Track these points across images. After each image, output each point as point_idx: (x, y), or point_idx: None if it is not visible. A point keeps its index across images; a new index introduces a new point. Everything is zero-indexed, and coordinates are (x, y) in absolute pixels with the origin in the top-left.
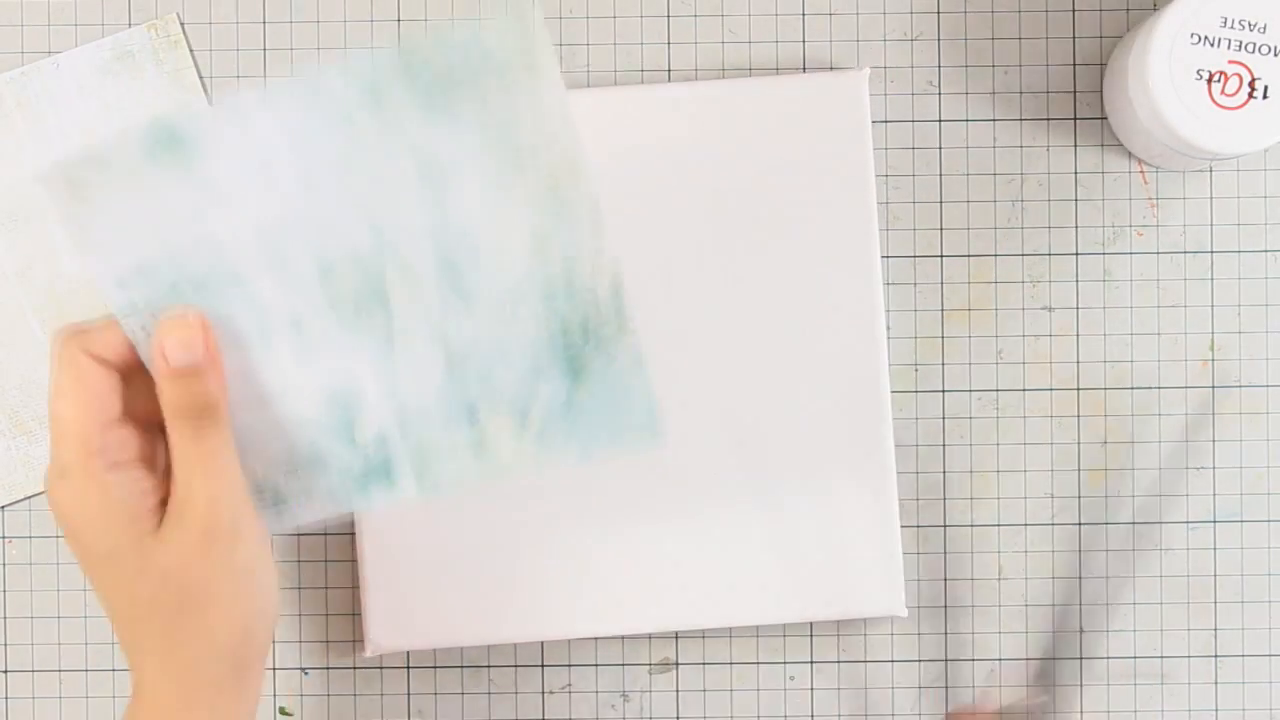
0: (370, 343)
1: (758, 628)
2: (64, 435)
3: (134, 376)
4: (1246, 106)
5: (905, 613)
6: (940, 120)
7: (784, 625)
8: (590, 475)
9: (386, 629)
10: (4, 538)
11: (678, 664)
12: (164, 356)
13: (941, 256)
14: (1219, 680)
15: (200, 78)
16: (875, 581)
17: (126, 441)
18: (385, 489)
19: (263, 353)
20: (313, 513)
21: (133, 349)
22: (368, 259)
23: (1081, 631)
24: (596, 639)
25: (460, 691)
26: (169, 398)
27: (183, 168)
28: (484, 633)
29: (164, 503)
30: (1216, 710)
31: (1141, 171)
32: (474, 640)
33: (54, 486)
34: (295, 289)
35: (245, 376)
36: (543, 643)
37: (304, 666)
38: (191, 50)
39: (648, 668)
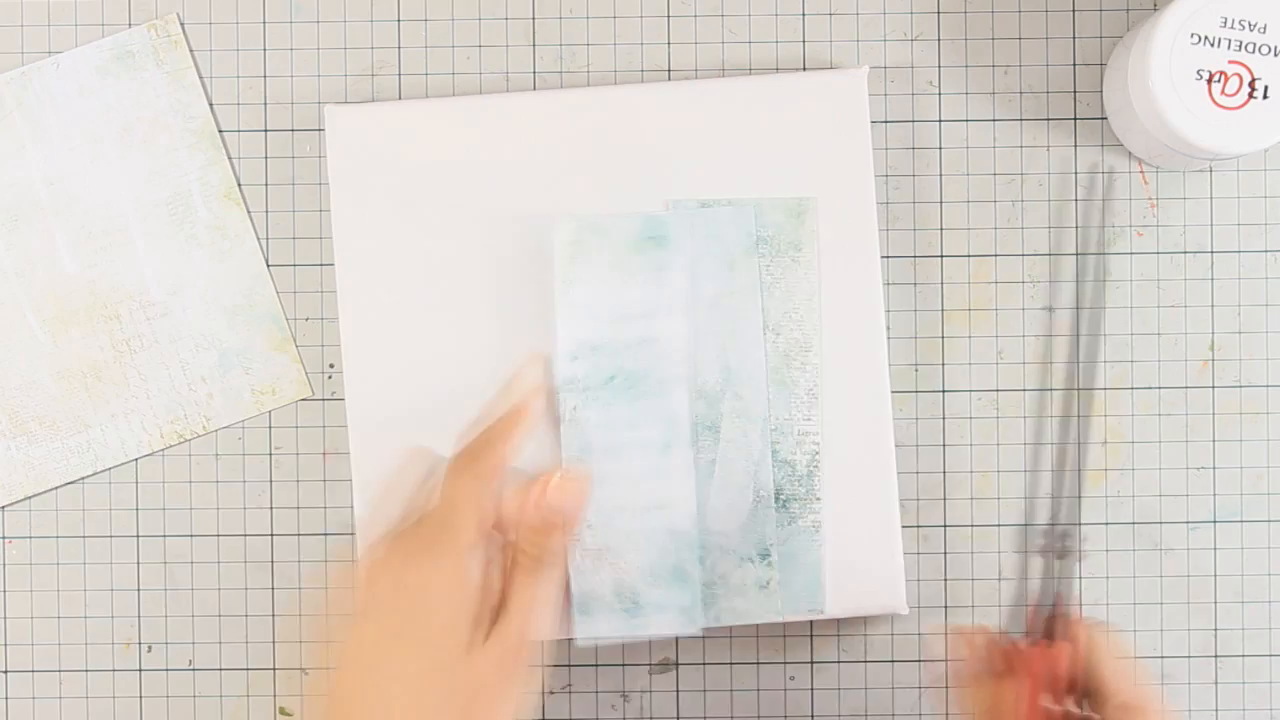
0: (696, 473)
1: (758, 627)
2: (460, 522)
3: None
4: (1246, 106)
5: (906, 610)
6: (940, 120)
7: (784, 625)
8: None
9: None
10: (4, 538)
11: (678, 664)
12: (544, 505)
13: (941, 256)
14: (1219, 680)
15: (200, 78)
16: (876, 580)
17: (493, 545)
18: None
19: (661, 461)
20: (664, 626)
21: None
22: (713, 395)
23: None
24: (597, 639)
25: None
26: (529, 543)
27: (656, 266)
28: None
29: (494, 617)
30: (1216, 710)
31: (1141, 171)
32: None
33: (424, 561)
34: (696, 406)
35: (636, 482)
36: (542, 642)
37: (304, 667)
38: (191, 50)
39: (648, 668)
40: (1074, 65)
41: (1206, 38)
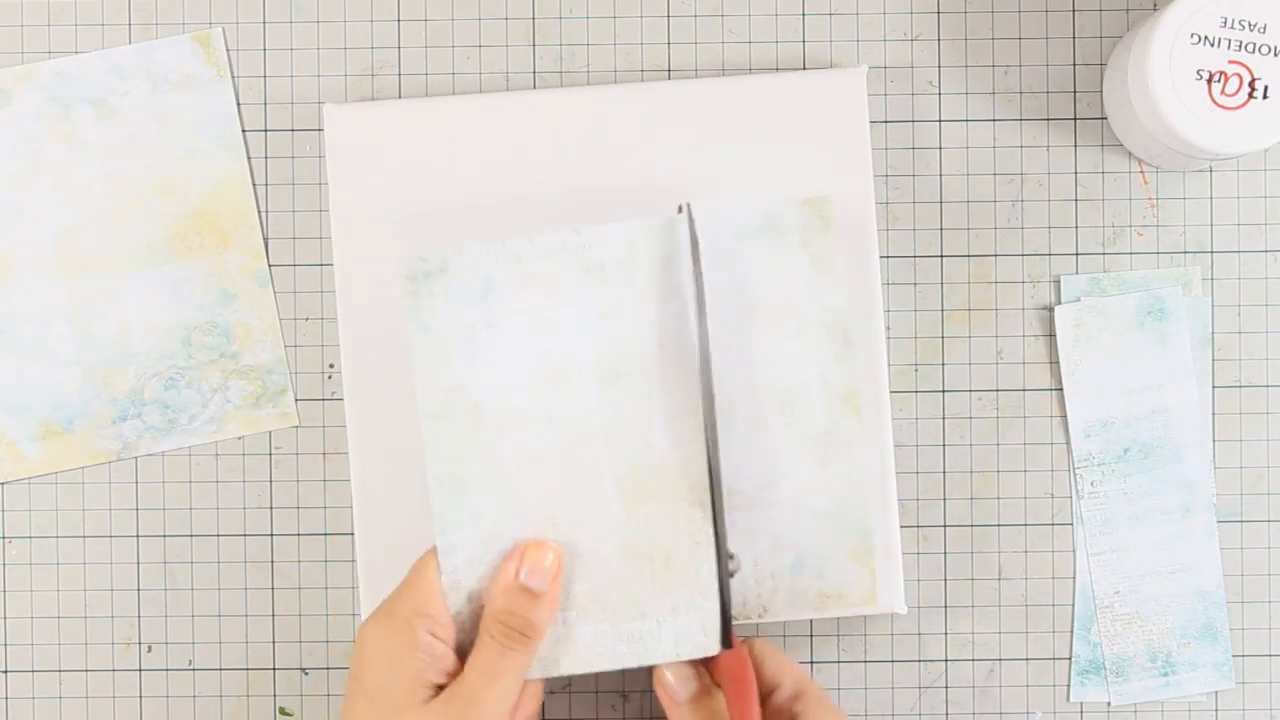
0: None
1: (757, 626)
2: (410, 592)
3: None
4: (1246, 106)
5: (905, 610)
6: (940, 120)
7: (784, 625)
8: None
9: None
10: (4, 538)
11: None
12: (516, 573)
13: (941, 256)
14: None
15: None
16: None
17: (451, 630)
18: None
19: (1183, 525)
20: (1198, 684)
21: None
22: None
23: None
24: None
25: None
26: (498, 606)
27: (1158, 339)
28: None
29: (442, 688)
30: (1216, 710)
31: (1141, 171)
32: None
33: (372, 623)
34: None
35: (1160, 548)
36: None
37: (304, 666)
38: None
39: (648, 668)
40: (1074, 65)
41: (1206, 38)
